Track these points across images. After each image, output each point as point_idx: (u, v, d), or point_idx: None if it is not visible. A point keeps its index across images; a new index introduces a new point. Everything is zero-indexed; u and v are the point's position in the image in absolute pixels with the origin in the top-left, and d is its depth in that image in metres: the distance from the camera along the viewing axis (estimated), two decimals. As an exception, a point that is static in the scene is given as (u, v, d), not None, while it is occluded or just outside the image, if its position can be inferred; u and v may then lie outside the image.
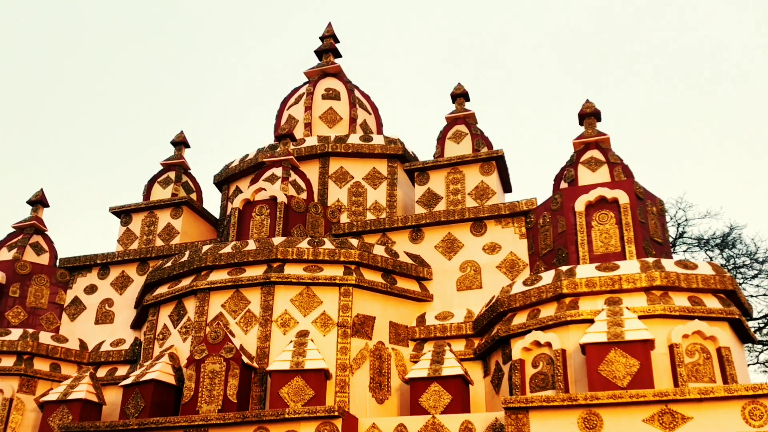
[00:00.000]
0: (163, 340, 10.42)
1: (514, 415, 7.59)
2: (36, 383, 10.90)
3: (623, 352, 7.90)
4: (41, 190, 13.03)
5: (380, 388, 9.65)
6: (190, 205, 12.92)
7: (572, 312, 8.75)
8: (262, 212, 11.00)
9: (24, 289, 11.87)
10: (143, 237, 12.67)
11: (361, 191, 12.47)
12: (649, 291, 8.80)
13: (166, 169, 13.53)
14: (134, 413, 9.06)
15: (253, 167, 13.16)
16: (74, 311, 12.14)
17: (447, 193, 11.51)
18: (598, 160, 10.60)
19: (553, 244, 10.14)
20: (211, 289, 10.09)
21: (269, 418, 8.12)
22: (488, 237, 10.80)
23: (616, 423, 7.29)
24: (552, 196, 10.44)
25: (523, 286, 9.44)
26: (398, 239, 11.23)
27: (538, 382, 8.62)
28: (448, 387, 8.68)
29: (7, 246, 12.38)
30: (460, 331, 10.03)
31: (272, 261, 10.08)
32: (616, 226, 9.75)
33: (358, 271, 10.10)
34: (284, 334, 9.65)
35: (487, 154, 11.56)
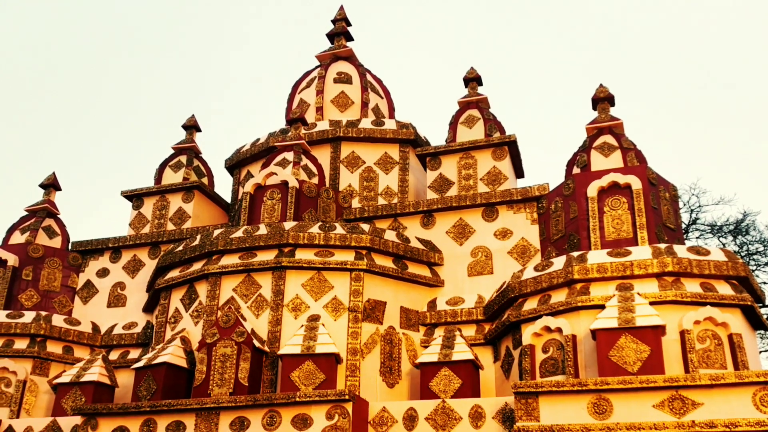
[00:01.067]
0: (174, 324, 10.49)
1: (524, 400, 7.59)
2: (49, 365, 11.01)
3: (634, 338, 7.88)
4: (53, 174, 13.09)
5: (391, 373, 9.68)
6: (202, 190, 12.95)
7: (583, 298, 8.72)
8: (274, 197, 11.01)
9: (37, 273, 11.97)
10: (155, 221, 12.72)
11: (373, 176, 12.45)
12: (660, 277, 8.76)
13: (178, 153, 13.56)
14: (146, 396, 9.14)
15: (265, 151, 13.16)
16: (87, 294, 12.23)
17: (459, 178, 11.48)
18: (611, 145, 10.52)
19: (564, 229, 10.09)
20: (223, 273, 10.13)
21: (280, 402, 8.16)
22: (500, 222, 10.77)
23: (626, 408, 7.29)
24: (564, 182, 10.38)
25: (534, 271, 9.42)
26: (410, 224, 11.22)
27: (548, 368, 8.62)
28: (459, 372, 8.69)
29: (20, 229, 12.47)
30: (470, 316, 10.03)
31: (283, 246, 10.10)
32: (628, 211, 9.69)
33: (369, 257, 10.10)
34: (295, 319, 9.69)
35: (499, 139, 11.49)
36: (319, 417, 8.05)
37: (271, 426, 8.15)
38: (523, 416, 7.54)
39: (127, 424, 8.67)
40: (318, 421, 8.04)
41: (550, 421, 7.43)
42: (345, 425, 7.93)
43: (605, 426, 7.22)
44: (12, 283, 11.74)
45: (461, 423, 8.09)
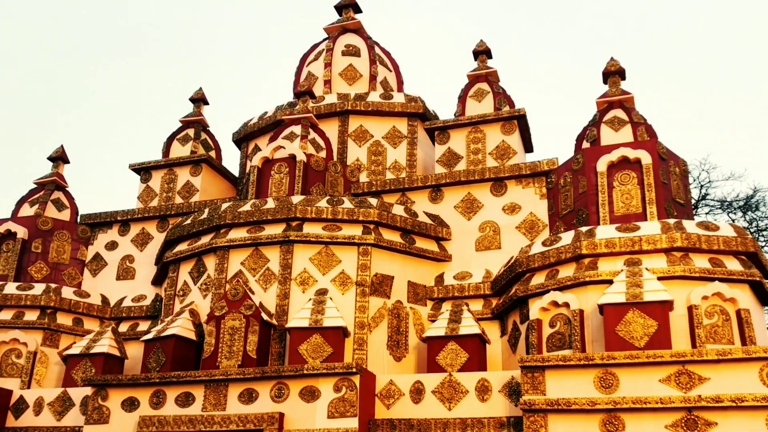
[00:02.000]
0: (183, 297, 10.55)
1: (530, 374, 7.62)
2: (59, 337, 11.12)
3: (641, 313, 7.88)
4: (61, 147, 13.10)
5: (398, 346, 9.72)
6: (209, 163, 12.94)
7: (591, 273, 8.71)
8: (281, 170, 10.99)
9: (46, 245, 12.03)
10: (163, 194, 12.74)
11: (381, 150, 12.39)
12: (669, 252, 8.73)
13: (185, 126, 13.53)
14: (156, 367, 9.23)
15: (272, 125, 13.11)
16: (96, 267, 12.30)
17: (467, 152, 11.41)
18: (622, 119, 10.43)
19: (573, 204, 10.04)
20: (231, 246, 10.15)
21: (288, 374, 8.23)
22: (508, 197, 10.73)
23: (632, 383, 7.30)
24: (574, 156, 10.31)
25: (542, 246, 9.40)
26: (418, 199, 11.19)
27: (554, 342, 8.64)
28: (465, 346, 8.72)
29: (29, 202, 12.52)
30: (478, 291, 10.04)
31: (291, 220, 10.10)
32: (637, 186, 9.62)
33: (377, 231, 10.10)
34: (303, 293, 9.72)
35: (508, 113, 11.40)
36: (327, 389, 8.11)
37: (279, 398, 8.23)
38: (529, 390, 7.57)
39: (137, 395, 8.76)
40: (326, 393, 8.10)
41: (556, 395, 7.46)
42: (352, 398, 7.99)
43: (611, 400, 7.25)
44: (21, 255, 11.82)
45: (468, 396, 8.13)
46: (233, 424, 8.18)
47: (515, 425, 7.79)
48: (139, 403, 8.71)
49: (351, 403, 7.98)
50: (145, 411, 8.65)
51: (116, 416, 8.74)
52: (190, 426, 8.33)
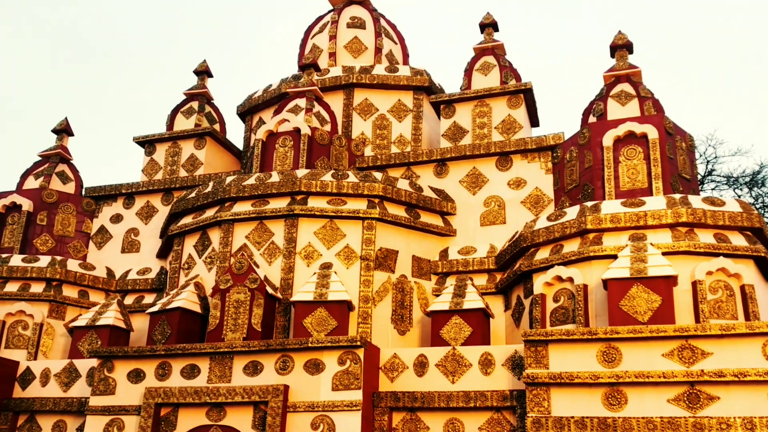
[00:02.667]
0: (188, 270, 10.58)
1: (534, 348, 7.65)
2: (65, 309, 11.20)
3: (645, 288, 7.88)
4: (65, 119, 13.07)
5: (402, 320, 9.76)
6: (214, 136, 12.90)
7: (596, 248, 8.70)
8: (286, 144, 10.95)
9: (51, 218, 12.06)
10: (167, 167, 12.73)
11: (386, 124, 12.33)
12: (674, 227, 8.71)
13: (189, 99, 13.47)
14: (161, 340, 9.29)
15: (277, 98, 13.04)
16: (101, 240, 12.34)
17: (473, 126, 11.34)
18: (629, 93, 10.34)
19: (579, 179, 10.00)
20: (235, 220, 10.16)
21: (293, 347, 8.28)
22: (513, 172, 10.68)
23: (635, 357, 7.33)
24: (580, 131, 10.25)
25: (547, 221, 9.38)
26: (423, 173, 11.16)
27: (558, 317, 8.66)
28: (469, 320, 8.75)
29: (34, 174, 12.52)
30: (482, 265, 10.05)
31: (296, 193, 10.09)
32: (644, 161, 9.57)
33: (382, 205, 10.08)
34: (308, 266, 9.74)
35: (515, 86, 11.31)
36: (331, 362, 8.16)
37: (284, 371, 8.29)
38: (532, 364, 7.61)
39: (143, 366, 8.84)
40: (330, 366, 8.15)
41: (559, 369, 7.50)
42: (356, 371, 8.05)
43: (614, 374, 7.28)
44: (27, 227, 11.86)
45: (471, 369, 8.18)
46: (238, 396, 8.26)
47: (518, 398, 7.84)
48: (144, 375, 8.79)
49: (355, 376, 8.03)
50: (150, 382, 8.73)
51: (122, 387, 8.83)
52: (195, 397, 8.41)
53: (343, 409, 7.93)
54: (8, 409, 9.63)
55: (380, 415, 8.23)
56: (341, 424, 7.90)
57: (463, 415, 8.09)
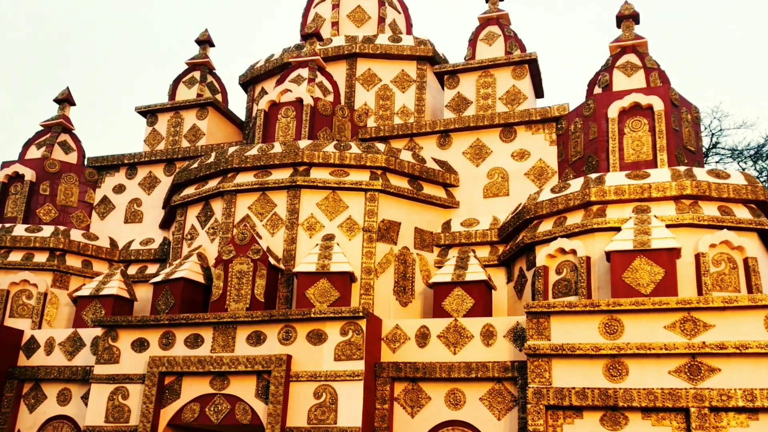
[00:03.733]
0: (191, 240, 10.59)
1: (536, 320, 7.67)
2: (69, 279, 11.24)
3: (648, 260, 7.87)
4: (67, 89, 12.98)
5: (404, 292, 9.78)
6: (216, 106, 12.82)
7: (599, 220, 8.68)
8: (288, 114, 10.88)
9: (54, 188, 12.05)
10: (169, 138, 12.68)
11: (389, 94, 12.23)
12: (678, 200, 8.68)
13: (191, 68, 13.36)
14: (165, 309, 9.34)
15: (279, 68, 12.93)
16: (104, 210, 12.34)
17: (477, 97, 11.25)
18: (635, 64, 10.23)
19: (583, 151, 9.94)
20: (238, 191, 10.14)
21: (296, 317, 8.31)
22: (518, 143, 10.62)
23: (637, 329, 7.35)
24: (585, 102, 10.16)
25: (551, 193, 9.35)
26: (426, 144, 11.10)
27: (560, 289, 8.67)
28: (471, 291, 8.77)
29: (36, 144, 12.48)
30: (485, 237, 10.04)
31: (298, 164, 10.05)
32: (649, 133, 9.50)
33: (385, 177, 10.04)
34: (310, 238, 9.74)
35: (519, 57, 11.19)
36: (334, 333, 8.20)
37: (286, 341, 8.33)
38: (534, 335, 7.64)
39: (147, 336, 8.89)
40: (332, 336, 8.19)
41: (561, 340, 7.53)
42: (359, 341, 8.09)
43: (615, 345, 7.31)
44: (30, 197, 11.85)
45: (473, 341, 8.22)
46: (242, 365, 8.31)
47: (519, 369, 7.89)
48: (148, 344, 8.85)
49: (357, 347, 8.08)
50: (154, 351, 8.79)
51: (126, 356, 8.89)
52: (199, 366, 8.47)
53: (346, 378, 7.99)
54: (13, 377, 9.72)
55: (382, 385, 8.29)
56: (344, 393, 7.96)
57: (464, 385, 8.15)
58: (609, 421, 7.27)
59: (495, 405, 7.99)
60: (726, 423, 6.96)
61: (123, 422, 8.62)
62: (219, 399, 8.41)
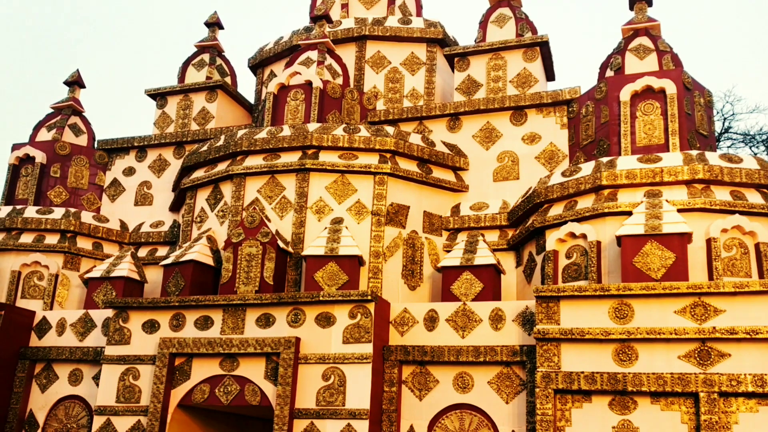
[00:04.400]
0: (200, 223, 10.62)
1: (545, 304, 7.65)
2: (80, 261, 11.30)
3: (659, 245, 7.83)
4: (77, 71, 12.98)
5: (412, 276, 9.78)
6: (225, 89, 12.79)
7: (610, 204, 8.62)
8: (297, 97, 10.84)
9: (64, 170, 12.09)
10: (179, 120, 12.67)
11: (399, 77, 12.16)
12: (690, 184, 8.61)
13: (200, 51, 13.32)
14: (175, 291, 9.38)
15: (288, 50, 12.87)
16: (114, 192, 12.37)
17: (488, 80, 11.16)
18: (647, 47, 10.11)
19: (594, 134, 9.87)
20: (247, 174, 10.13)
21: (304, 300, 8.33)
22: (528, 127, 10.55)
23: (647, 314, 7.32)
24: (597, 85, 10.07)
25: (562, 177, 9.29)
26: (435, 128, 11.04)
27: (570, 273, 8.64)
28: (480, 275, 8.75)
29: (46, 126, 12.51)
30: (494, 221, 10.00)
31: (307, 148, 10.03)
32: (661, 117, 9.42)
33: (394, 160, 10.01)
34: (319, 221, 9.74)
35: (531, 39, 11.08)
36: (342, 316, 8.22)
37: (295, 323, 8.36)
38: (543, 319, 7.62)
39: (157, 317, 8.94)
40: (341, 319, 8.21)
41: (570, 325, 7.51)
42: (367, 324, 8.10)
43: (625, 330, 7.29)
44: (40, 180, 11.90)
45: (481, 325, 8.21)
46: (251, 347, 8.35)
47: (528, 354, 7.88)
48: (159, 326, 8.90)
49: (366, 330, 8.09)
50: (165, 333, 8.84)
51: (137, 337, 8.95)
52: (209, 348, 8.51)
53: (354, 361, 8.01)
54: (25, 357, 9.81)
55: (390, 367, 8.32)
56: (352, 375, 7.99)
57: (472, 369, 8.16)
58: (618, 406, 7.27)
59: (503, 389, 8.00)
60: (735, 408, 6.94)
61: (134, 402, 8.69)
62: (229, 380, 8.46)
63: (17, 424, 9.57)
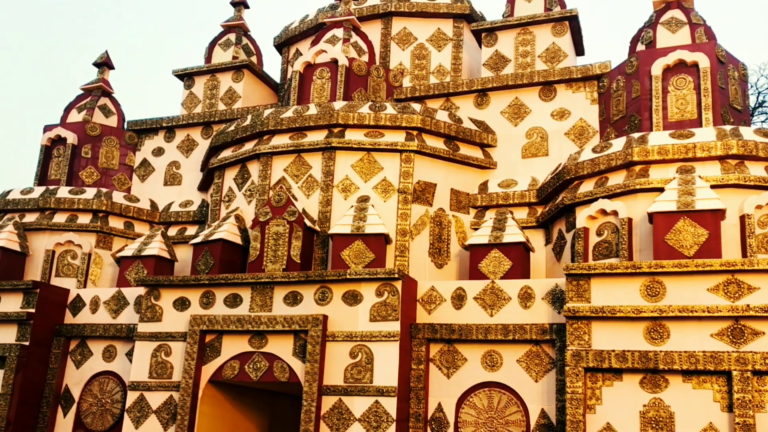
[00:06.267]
0: (228, 202, 10.69)
1: (576, 282, 7.58)
2: (112, 240, 11.48)
3: (692, 222, 7.69)
4: (106, 52, 13.08)
5: (439, 254, 9.75)
6: (251, 69, 12.80)
7: (642, 180, 8.48)
8: (323, 75, 10.81)
9: (95, 151, 12.24)
10: (206, 101, 12.73)
11: (425, 54, 12.04)
12: (724, 160, 8.43)
13: (227, 31, 13.33)
14: (204, 270, 9.48)
15: (314, 28, 12.82)
16: (144, 173, 12.51)
17: (516, 55, 11.00)
18: (679, 20, 9.87)
19: (625, 110, 9.69)
20: (274, 153, 10.15)
21: (331, 278, 8.36)
22: (557, 102, 10.39)
23: (680, 291, 7.22)
24: (627, 59, 9.86)
25: (592, 153, 9.15)
26: (462, 104, 10.94)
27: (601, 251, 8.54)
28: (509, 253, 8.69)
29: (77, 108, 12.65)
30: (523, 199, 9.91)
31: (333, 126, 10.00)
32: (693, 91, 9.21)
33: (420, 138, 9.95)
34: (345, 200, 9.74)
35: (559, 13, 10.88)
36: (369, 294, 8.24)
37: (323, 301, 8.40)
38: (573, 297, 7.56)
39: (188, 295, 9.05)
40: (368, 297, 8.23)
41: (601, 303, 7.43)
42: (394, 302, 8.11)
43: (657, 308, 7.19)
44: (72, 160, 12.07)
45: (510, 303, 8.17)
46: (279, 325, 8.42)
47: (557, 332, 7.83)
48: (189, 303, 9.01)
49: (393, 308, 8.10)
50: (195, 310, 8.95)
51: (168, 315, 9.08)
52: (238, 325, 8.61)
53: (381, 339, 8.04)
54: (61, 334, 10.02)
55: (418, 346, 8.33)
56: (379, 353, 8.02)
57: (501, 347, 8.13)
58: (649, 384, 7.20)
59: (532, 367, 7.97)
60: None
61: (166, 378, 8.84)
62: (258, 357, 8.56)
63: (54, 399, 9.81)
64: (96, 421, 9.63)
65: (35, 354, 9.73)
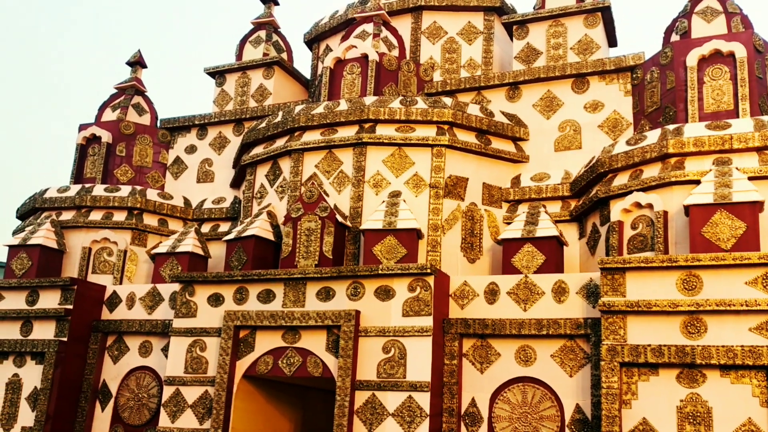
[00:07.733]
0: (260, 199, 10.77)
1: (610, 276, 7.49)
2: (146, 237, 11.65)
3: (729, 214, 7.55)
4: (138, 51, 13.25)
5: (472, 249, 9.71)
6: (281, 65, 12.86)
7: (677, 173, 8.34)
8: (353, 71, 10.82)
9: (129, 149, 12.43)
10: (237, 98, 12.83)
11: (456, 47, 11.98)
12: (762, 151, 8.25)
13: (257, 28, 13.41)
14: (237, 266, 9.56)
15: (344, 24, 12.83)
16: (177, 170, 12.66)
17: (547, 47, 10.89)
18: (715, 9, 9.67)
19: (660, 101, 9.53)
20: (305, 149, 10.20)
21: (363, 273, 8.37)
22: (590, 94, 10.26)
23: (717, 285, 7.09)
24: (662, 50, 9.70)
25: (627, 145, 9.03)
26: (494, 98, 10.86)
27: (636, 244, 8.43)
28: (542, 247, 8.62)
29: (111, 107, 12.85)
30: (556, 192, 9.82)
31: (364, 122, 10.01)
32: (730, 81, 9.03)
33: (452, 132, 9.90)
34: (376, 195, 9.74)
35: (592, 4, 10.75)
36: (401, 289, 8.23)
37: (355, 296, 8.42)
38: (608, 291, 7.47)
39: (221, 291, 9.15)
40: (400, 292, 8.23)
41: (637, 297, 7.34)
42: (426, 297, 8.10)
43: (694, 302, 7.08)
44: (107, 158, 12.27)
45: (544, 297, 8.11)
46: (312, 320, 8.47)
47: (592, 326, 7.75)
48: (223, 299, 9.11)
49: (425, 303, 8.09)
50: (229, 306, 9.04)
51: (203, 310, 9.18)
52: (271, 321, 8.67)
53: (414, 334, 8.03)
54: (98, 330, 10.20)
55: (450, 341, 8.31)
56: (412, 348, 8.02)
57: (535, 342, 8.07)
58: (686, 379, 7.09)
59: (567, 362, 7.90)
60: (812, 382, 6.68)
61: (201, 373, 8.95)
62: (291, 352, 8.62)
63: (92, 394, 10.00)
64: (133, 415, 9.79)
65: (73, 349, 9.92)
